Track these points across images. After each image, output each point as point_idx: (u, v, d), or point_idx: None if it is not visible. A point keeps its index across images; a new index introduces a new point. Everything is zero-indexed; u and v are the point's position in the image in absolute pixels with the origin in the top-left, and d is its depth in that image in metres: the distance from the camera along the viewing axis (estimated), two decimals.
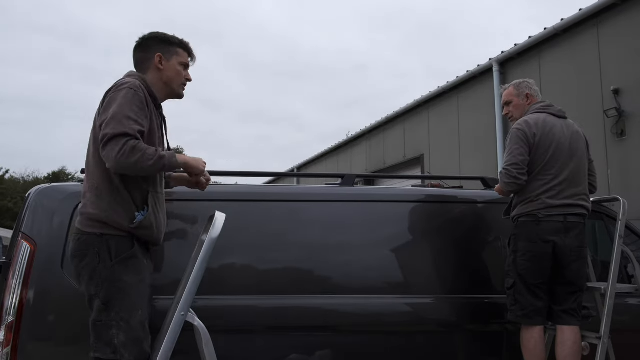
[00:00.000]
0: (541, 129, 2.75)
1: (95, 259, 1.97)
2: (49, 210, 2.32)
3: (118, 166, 1.94)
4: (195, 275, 1.90)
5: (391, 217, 2.80)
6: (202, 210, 2.48)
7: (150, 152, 1.98)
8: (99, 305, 1.95)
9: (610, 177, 6.79)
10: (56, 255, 2.24)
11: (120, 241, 2.02)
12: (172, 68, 2.27)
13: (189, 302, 1.89)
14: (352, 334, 2.58)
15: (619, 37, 6.86)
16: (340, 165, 17.00)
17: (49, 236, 2.26)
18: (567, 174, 2.72)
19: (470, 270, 2.86)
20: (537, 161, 2.72)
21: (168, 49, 2.28)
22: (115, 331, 1.92)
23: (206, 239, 1.94)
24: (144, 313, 2.00)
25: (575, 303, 2.67)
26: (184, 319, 1.88)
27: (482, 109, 9.53)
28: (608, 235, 3.39)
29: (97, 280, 1.96)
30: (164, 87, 2.26)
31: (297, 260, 2.59)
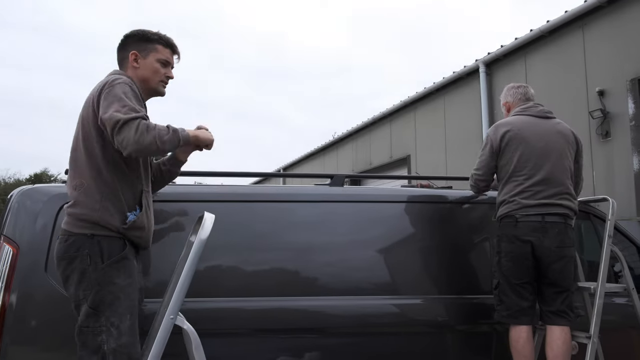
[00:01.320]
0: (510, 132, 2.80)
1: (86, 261, 1.90)
2: (32, 212, 2.26)
3: (138, 146, 1.89)
4: (185, 277, 1.86)
5: (381, 217, 2.79)
6: (189, 210, 2.44)
7: (164, 128, 1.96)
8: (87, 310, 1.87)
9: (595, 177, 6.86)
10: (40, 258, 2.17)
11: (112, 242, 1.95)
12: (149, 66, 2.19)
13: (178, 305, 1.84)
14: (345, 336, 2.55)
15: (604, 39, 6.94)
16: (327, 165, 16.99)
17: (32, 239, 2.20)
18: (543, 174, 2.72)
19: (460, 271, 2.86)
20: (507, 164, 2.78)
21: (145, 46, 2.21)
22: (104, 337, 1.86)
23: (195, 240, 1.90)
24: (133, 317, 1.94)
25: (563, 304, 2.66)
26: (173, 323, 1.84)
27: (469, 109, 9.58)
28: (596, 235, 3.41)
29: (86, 283, 1.89)
30: (142, 85, 2.19)
31: (288, 261, 2.56)
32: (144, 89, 2.20)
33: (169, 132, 1.96)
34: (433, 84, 10.62)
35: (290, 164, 20.57)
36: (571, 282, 2.72)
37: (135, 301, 1.98)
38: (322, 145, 17.22)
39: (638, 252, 3.40)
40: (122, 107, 1.92)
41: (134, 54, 2.18)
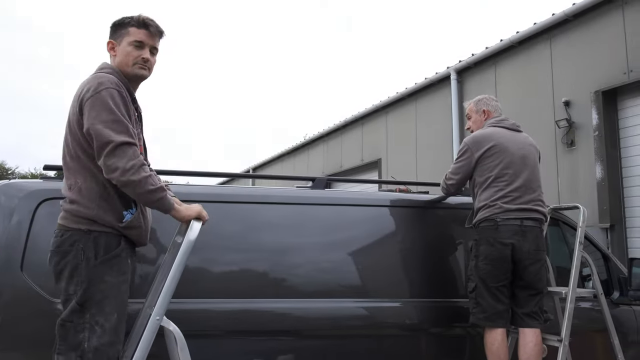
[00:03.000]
0: (490, 141, 2.94)
1: (79, 256, 1.85)
2: (8, 208, 2.18)
3: (123, 179, 1.85)
4: (172, 279, 1.83)
5: (363, 221, 2.82)
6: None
7: (155, 179, 1.91)
8: (74, 305, 1.83)
9: (560, 184, 7.09)
10: (15, 256, 2.10)
11: (108, 238, 1.91)
12: (122, 51, 2.11)
13: (165, 306, 1.82)
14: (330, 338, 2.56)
15: (571, 52, 7.18)
16: (297, 167, 16.99)
17: (8, 236, 2.12)
18: (522, 181, 2.86)
19: (436, 275, 2.91)
20: (488, 170, 2.89)
21: (120, 32, 2.13)
22: (87, 334, 1.81)
23: (183, 242, 1.87)
24: (120, 316, 1.90)
25: (536, 306, 2.76)
26: (159, 324, 1.81)
27: (440, 115, 9.76)
28: (564, 241, 3.53)
29: (77, 278, 1.84)
30: (123, 73, 2.11)
31: (268, 263, 2.55)
32: (127, 76, 2.12)
33: (156, 185, 1.91)
34: (405, 89, 10.77)
35: (260, 164, 20.47)
36: (544, 285, 2.82)
37: (125, 300, 1.94)
38: (293, 146, 17.20)
39: (603, 258, 3.54)
40: (112, 121, 1.87)
41: (110, 43, 2.13)
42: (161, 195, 1.92)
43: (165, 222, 2.34)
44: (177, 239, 2.09)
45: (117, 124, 1.88)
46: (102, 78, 1.96)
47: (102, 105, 1.88)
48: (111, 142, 1.84)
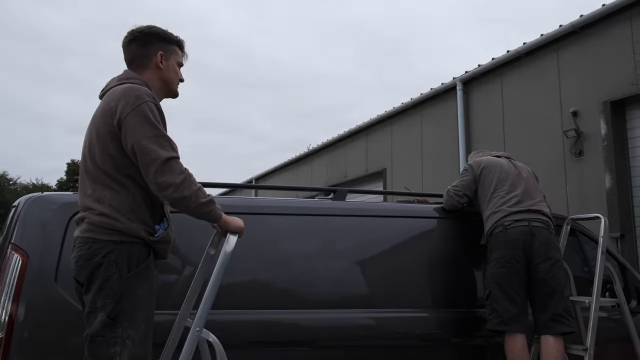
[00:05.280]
0: (485, 162, 3.24)
1: (111, 269, 1.83)
2: (41, 220, 2.20)
3: (176, 194, 1.84)
4: (210, 291, 1.84)
5: (384, 231, 2.84)
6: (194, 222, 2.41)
7: (204, 191, 1.91)
8: (104, 319, 1.80)
9: (569, 194, 7.11)
10: (50, 267, 2.11)
11: (139, 249, 1.90)
12: (172, 68, 2.17)
13: (204, 318, 1.82)
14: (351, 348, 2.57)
15: (578, 62, 7.24)
16: (301, 177, 17.01)
17: (42, 248, 2.13)
18: (520, 190, 3.03)
19: (457, 284, 2.93)
20: (488, 183, 3.09)
21: (168, 47, 2.17)
22: (118, 349, 1.79)
23: (221, 254, 1.89)
24: (148, 327, 1.89)
25: (560, 308, 2.74)
26: (199, 335, 1.82)
27: (445, 125, 9.79)
28: (582, 251, 3.54)
29: (107, 291, 1.82)
30: (162, 87, 2.15)
31: (293, 274, 2.57)
32: (162, 91, 2.16)
33: (207, 198, 1.92)
34: (410, 99, 10.82)
35: (263, 174, 20.49)
36: (561, 285, 2.81)
37: (153, 311, 1.93)
38: (296, 156, 17.23)
39: (620, 268, 3.55)
40: (155, 136, 1.87)
41: (161, 55, 2.14)
42: (212, 207, 1.93)
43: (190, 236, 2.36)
44: (210, 251, 2.10)
45: (161, 139, 1.88)
46: (137, 90, 1.95)
47: (144, 120, 1.88)
48: (159, 158, 1.84)
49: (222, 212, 1.99)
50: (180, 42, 2.21)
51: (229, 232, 1.99)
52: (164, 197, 1.89)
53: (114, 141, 1.91)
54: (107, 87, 2.07)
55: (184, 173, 1.87)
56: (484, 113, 8.93)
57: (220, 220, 1.98)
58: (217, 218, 1.97)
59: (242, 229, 2.03)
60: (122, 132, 1.88)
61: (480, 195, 3.12)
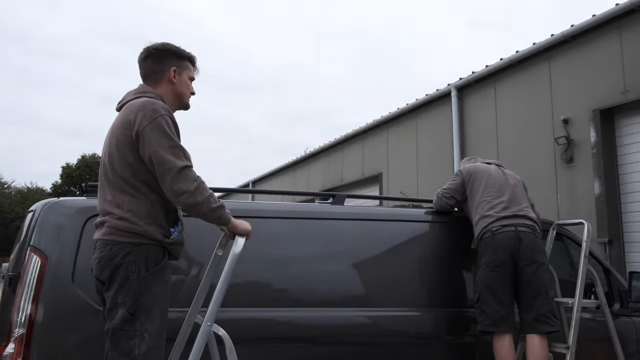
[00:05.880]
0: (475, 168, 3.41)
1: (130, 268, 1.99)
2: (59, 224, 2.34)
3: (190, 200, 2.00)
4: (220, 289, 2.00)
5: (380, 234, 3.00)
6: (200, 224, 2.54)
7: (214, 196, 2.06)
8: (125, 314, 1.96)
9: (559, 200, 7.30)
10: (67, 268, 2.26)
11: (156, 251, 2.06)
12: (184, 82, 2.34)
13: (215, 314, 1.98)
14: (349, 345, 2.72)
15: (569, 71, 7.43)
16: (297, 180, 17.16)
17: (60, 250, 2.28)
18: (507, 196, 3.18)
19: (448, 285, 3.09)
20: (477, 189, 3.26)
21: (180, 63, 2.34)
22: (137, 341, 1.95)
23: (230, 255, 2.04)
24: (162, 322, 2.04)
25: (543, 309, 2.90)
26: (210, 329, 1.98)
27: (440, 131, 9.98)
28: (568, 255, 3.71)
29: (127, 289, 1.97)
30: (175, 100, 2.32)
31: (294, 274, 2.72)
32: (175, 104, 2.33)
33: (218, 203, 2.08)
34: (406, 105, 11.00)
35: (260, 178, 20.63)
36: (545, 286, 2.96)
37: (167, 308, 2.09)
38: (293, 160, 17.38)
39: (604, 271, 3.72)
40: (171, 147, 2.03)
41: (174, 70, 2.31)
42: (222, 212, 2.09)
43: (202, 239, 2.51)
44: (218, 252, 2.27)
45: (176, 149, 2.04)
46: (154, 104, 2.11)
47: (160, 132, 2.04)
48: (174, 167, 2.00)
49: (231, 216, 2.14)
50: (192, 58, 2.39)
51: (237, 234, 2.15)
52: (178, 202, 2.05)
53: (133, 151, 2.07)
54: (125, 100, 2.23)
55: (197, 181, 2.03)
56: (478, 119, 9.12)
57: (230, 224, 2.14)
58: (226, 222, 2.13)
59: (250, 232, 2.19)
60: (140, 143, 2.04)
61: (469, 201, 3.28)
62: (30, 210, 2.62)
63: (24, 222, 2.67)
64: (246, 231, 2.17)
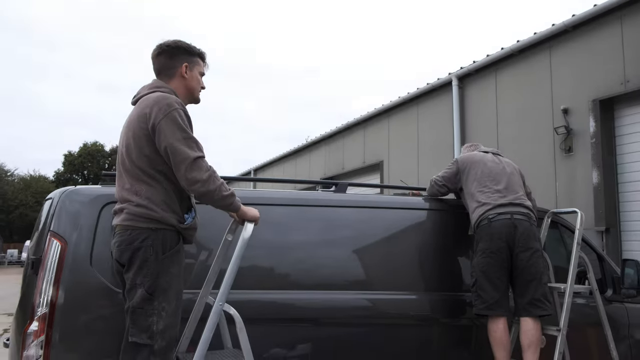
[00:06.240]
0: (472, 157, 3.51)
1: (148, 252, 2.13)
2: (77, 211, 2.46)
3: (202, 189, 2.13)
4: (231, 271, 2.14)
5: (381, 221, 3.12)
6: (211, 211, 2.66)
7: (225, 184, 2.20)
8: (143, 294, 2.10)
9: (558, 189, 7.41)
10: (85, 252, 2.39)
11: (171, 236, 2.20)
12: (195, 77, 2.47)
13: (226, 294, 2.12)
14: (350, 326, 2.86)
15: (569, 61, 7.50)
16: (299, 168, 17.28)
17: (79, 235, 2.41)
18: (503, 185, 3.29)
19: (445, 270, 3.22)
20: (473, 177, 3.36)
21: (191, 59, 2.47)
22: (155, 319, 2.10)
23: (239, 240, 2.17)
24: (178, 301, 2.19)
25: (537, 293, 3.03)
26: (222, 309, 2.12)
27: (441, 120, 10.06)
28: (562, 243, 3.84)
29: (145, 271, 2.11)
30: (186, 94, 2.45)
31: (301, 259, 2.84)
32: (187, 98, 2.46)
33: (229, 191, 2.21)
34: (407, 94, 11.08)
35: (261, 166, 20.75)
36: (539, 272, 3.08)
37: (182, 289, 2.24)
38: (294, 148, 17.48)
39: (598, 259, 3.85)
40: (184, 139, 2.16)
41: (186, 66, 2.44)
42: (233, 200, 2.23)
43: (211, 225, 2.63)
44: (228, 237, 2.41)
45: (189, 141, 2.17)
46: (168, 99, 2.25)
47: (174, 125, 2.17)
48: (188, 157, 2.13)
49: (241, 203, 2.27)
50: (202, 54, 2.52)
51: (246, 220, 2.28)
52: (192, 190, 2.18)
53: (149, 143, 2.20)
54: (140, 95, 2.36)
55: (209, 170, 2.16)
56: (479, 108, 9.20)
57: (239, 211, 2.27)
58: (236, 208, 2.26)
59: (258, 218, 2.32)
60: (156, 135, 2.18)
61: (465, 190, 3.39)
62: (48, 198, 2.74)
63: (42, 209, 2.80)
64: (255, 217, 2.29)
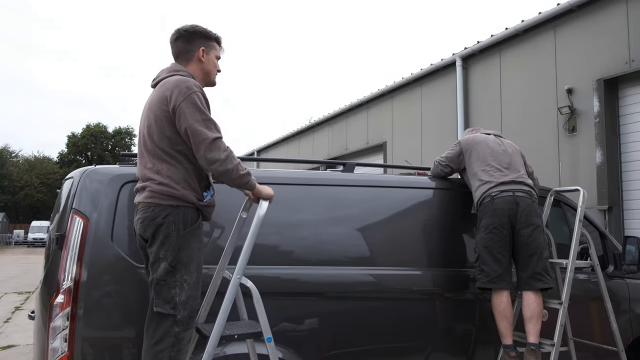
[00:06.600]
0: (474, 139, 3.60)
1: (171, 227, 2.23)
2: (97, 189, 2.55)
3: (221, 168, 2.23)
4: (247, 247, 2.24)
5: (387, 200, 3.22)
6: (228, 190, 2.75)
7: (241, 164, 2.29)
8: (167, 267, 2.21)
9: (561, 169, 7.48)
10: (107, 229, 2.49)
11: (192, 213, 2.30)
12: (211, 61, 2.56)
13: (243, 268, 2.23)
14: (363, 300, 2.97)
15: (574, 41, 7.50)
16: (302, 149, 17.34)
17: (99, 212, 2.50)
18: (505, 164, 3.39)
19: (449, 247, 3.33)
20: (475, 158, 3.46)
21: (208, 43, 2.55)
22: (177, 290, 2.22)
23: (255, 217, 2.28)
24: (199, 274, 2.31)
25: (538, 267, 3.13)
26: (239, 281, 2.23)
27: (445, 100, 10.09)
28: (565, 221, 3.93)
29: (168, 245, 2.22)
30: (203, 77, 2.54)
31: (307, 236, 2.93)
32: (204, 81, 2.54)
33: (245, 170, 2.30)
34: (411, 74, 11.08)
35: (265, 147, 20.82)
36: (540, 247, 3.17)
37: (202, 262, 2.35)
38: (297, 129, 17.53)
39: (600, 236, 3.95)
40: (204, 120, 2.25)
41: (203, 50, 2.52)
42: (249, 178, 2.33)
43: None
44: (243, 214, 2.51)
45: (208, 122, 2.26)
46: (187, 82, 2.33)
47: (194, 107, 2.26)
48: (207, 138, 2.22)
49: (256, 182, 2.36)
50: (218, 39, 2.60)
51: (261, 198, 2.37)
52: (211, 170, 2.28)
53: (170, 124, 2.30)
54: (159, 78, 2.45)
55: (227, 150, 2.25)
56: (483, 89, 9.23)
57: (255, 189, 2.36)
58: (252, 187, 2.36)
59: (272, 196, 2.41)
60: (177, 117, 2.27)
61: (468, 169, 3.48)
62: (68, 177, 2.84)
63: (62, 188, 2.89)
64: (269, 195, 2.39)
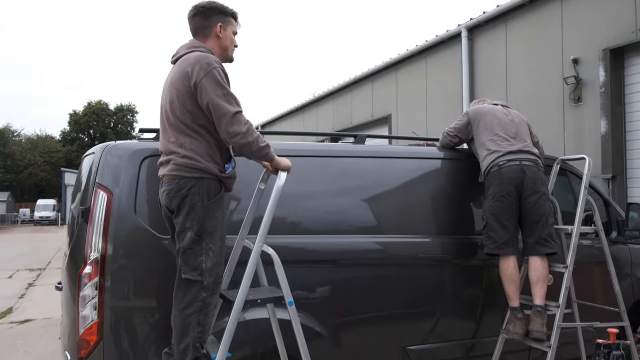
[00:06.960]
0: (482, 109, 3.66)
1: (195, 198, 2.33)
2: (119, 165, 2.64)
3: (242, 140, 2.30)
4: (267, 217, 2.34)
5: (398, 170, 3.31)
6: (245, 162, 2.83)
7: (261, 136, 2.37)
8: (193, 236, 2.32)
9: (566, 139, 7.53)
10: (129, 202, 2.58)
11: (215, 184, 2.40)
12: (228, 36, 2.62)
13: (264, 237, 2.33)
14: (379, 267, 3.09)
15: (580, 10, 7.46)
16: (307, 123, 17.37)
17: (122, 186, 2.59)
18: (512, 134, 3.46)
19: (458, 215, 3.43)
20: (483, 128, 3.53)
21: (225, 18, 2.60)
22: (203, 258, 2.33)
23: (274, 188, 2.36)
24: (222, 243, 2.41)
25: (544, 233, 3.23)
26: (261, 249, 2.34)
27: (450, 72, 10.07)
28: (571, 189, 4.02)
29: (193, 215, 2.32)
30: (221, 53, 2.60)
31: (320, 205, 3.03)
32: (222, 56, 2.59)
33: (265, 143, 2.38)
34: (415, 46, 11.02)
35: (270, 121, 20.83)
36: (545, 214, 3.27)
37: (225, 231, 2.45)
38: (302, 103, 17.52)
39: (604, 204, 4.05)
40: (225, 95, 2.31)
41: (220, 25, 2.57)
42: (268, 150, 2.41)
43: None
44: (261, 186, 2.61)
45: (229, 97, 2.33)
46: (208, 58, 2.39)
47: (215, 82, 2.32)
48: (228, 112, 2.30)
49: (275, 154, 2.45)
50: (235, 14, 2.65)
51: (280, 170, 2.46)
52: (232, 142, 2.36)
53: (192, 99, 2.37)
54: (179, 54, 2.51)
55: (247, 124, 2.33)
56: (488, 59, 9.20)
57: (274, 161, 2.45)
58: (271, 159, 2.45)
59: (290, 167, 2.50)
60: (198, 92, 2.34)
61: (476, 139, 3.56)
62: (89, 153, 2.93)
63: (83, 164, 2.99)
64: (287, 167, 2.48)
